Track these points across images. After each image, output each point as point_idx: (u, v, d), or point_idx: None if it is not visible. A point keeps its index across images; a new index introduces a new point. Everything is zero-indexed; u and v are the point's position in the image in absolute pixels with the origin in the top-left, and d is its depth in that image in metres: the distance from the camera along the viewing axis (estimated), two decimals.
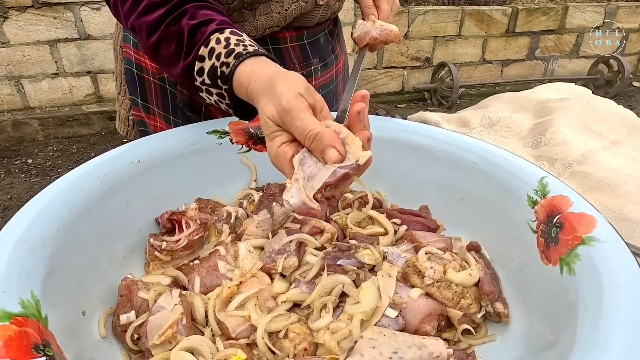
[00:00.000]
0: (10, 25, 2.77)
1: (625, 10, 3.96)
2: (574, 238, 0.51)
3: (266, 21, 0.75)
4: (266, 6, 0.74)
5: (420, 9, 3.59)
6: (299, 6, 0.76)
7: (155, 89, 0.86)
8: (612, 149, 1.01)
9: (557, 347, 0.45)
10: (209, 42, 0.57)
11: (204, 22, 0.58)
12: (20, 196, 2.45)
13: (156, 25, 0.60)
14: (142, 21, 0.61)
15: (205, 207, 0.70)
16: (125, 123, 0.97)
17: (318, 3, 0.78)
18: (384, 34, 0.75)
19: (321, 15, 0.82)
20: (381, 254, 0.61)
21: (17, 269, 0.44)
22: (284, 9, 0.75)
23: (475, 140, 0.71)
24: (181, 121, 0.86)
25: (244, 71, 0.54)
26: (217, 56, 0.56)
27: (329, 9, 0.83)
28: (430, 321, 0.54)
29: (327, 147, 0.44)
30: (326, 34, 0.90)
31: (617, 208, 0.82)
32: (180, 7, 0.59)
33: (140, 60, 0.86)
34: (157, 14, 0.60)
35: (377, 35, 0.75)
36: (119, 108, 0.97)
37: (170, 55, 0.60)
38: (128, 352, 0.53)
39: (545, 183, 0.59)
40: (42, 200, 0.53)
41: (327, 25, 0.90)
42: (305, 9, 0.77)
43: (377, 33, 0.75)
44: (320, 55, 0.88)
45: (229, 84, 0.55)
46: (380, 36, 0.75)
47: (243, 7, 0.73)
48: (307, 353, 0.51)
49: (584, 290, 0.46)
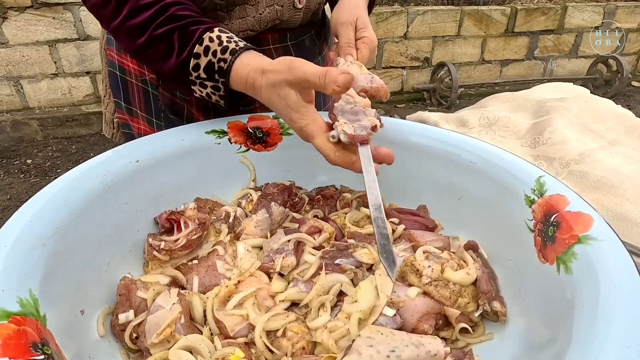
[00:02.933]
0: (10, 26, 2.77)
1: (624, 10, 3.96)
2: (571, 237, 0.51)
3: (240, 24, 0.74)
4: (242, 9, 0.74)
5: (419, 9, 3.60)
6: (274, 10, 0.75)
7: (138, 91, 0.86)
8: (610, 149, 1.01)
9: (553, 345, 0.46)
10: (202, 41, 0.63)
11: (192, 22, 0.64)
12: (19, 196, 2.45)
13: (143, 28, 0.64)
14: (128, 25, 0.64)
15: (203, 207, 0.70)
16: (110, 126, 0.97)
17: (296, 6, 0.77)
18: (374, 88, 0.67)
19: (303, 17, 0.80)
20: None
21: (16, 268, 0.45)
22: (259, 13, 0.74)
23: (473, 139, 0.71)
24: (164, 124, 0.86)
25: (241, 65, 0.62)
26: (213, 53, 0.63)
27: (309, 11, 0.81)
28: (428, 320, 0.54)
29: (337, 75, 0.53)
30: (312, 36, 0.88)
31: (615, 207, 0.83)
32: (166, 11, 0.64)
33: (123, 62, 0.86)
34: (142, 17, 0.63)
35: (367, 88, 0.67)
36: (104, 111, 0.98)
37: (159, 54, 0.65)
38: (127, 351, 0.53)
39: (543, 182, 0.60)
40: (40, 199, 0.53)
41: (314, 27, 0.89)
42: (281, 13, 0.76)
43: (368, 85, 0.67)
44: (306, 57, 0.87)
45: (226, 76, 0.63)
46: (371, 89, 0.67)
47: (218, 9, 0.73)
48: (305, 352, 0.51)
49: (581, 289, 0.46)
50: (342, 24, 0.76)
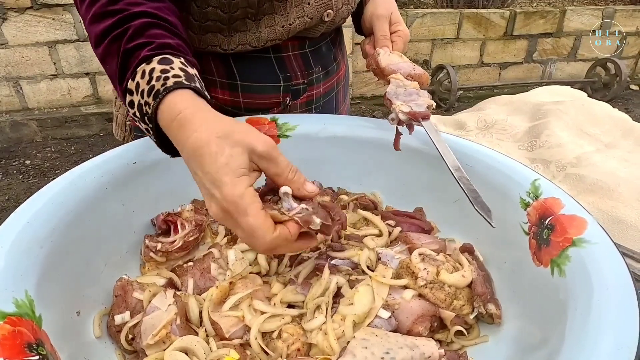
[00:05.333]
0: (9, 27, 2.78)
1: (622, 14, 3.97)
2: (565, 240, 0.51)
3: (269, 34, 0.74)
4: (270, 18, 0.73)
5: (418, 12, 3.61)
6: (304, 22, 0.75)
7: None
8: (607, 152, 1.02)
9: (546, 347, 0.46)
10: (135, 75, 0.53)
11: (139, 45, 0.54)
12: (17, 197, 2.45)
13: (101, 38, 0.56)
14: (91, 29, 0.58)
15: (200, 209, 0.70)
16: (122, 128, 0.97)
17: (324, 19, 0.77)
18: (417, 74, 0.72)
19: (326, 28, 0.81)
20: (375, 255, 0.61)
21: (12, 269, 0.45)
22: (288, 24, 0.74)
23: (469, 142, 0.72)
24: None
25: (165, 110, 0.50)
26: (141, 93, 0.52)
27: (333, 24, 0.82)
28: (423, 322, 0.54)
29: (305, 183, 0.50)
30: (328, 43, 0.89)
31: (611, 210, 0.83)
32: (125, 23, 0.55)
33: None
34: (103, 25, 0.56)
35: (412, 74, 0.72)
36: (116, 113, 0.98)
37: (113, 74, 0.56)
38: (122, 352, 0.53)
39: (538, 185, 0.60)
40: (38, 200, 0.54)
41: (330, 34, 0.90)
42: (309, 24, 0.76)
43: (412, 71, 0.72)
44: (322, 64, 0.87)
45: (153, 123, 0.52)
46: (415, 76, 0.72)
47: (247, 17, 0.73)
48: (300, 353, 0.52)
49: (574, 291, 0.46)
50: (377, 18, 0.80)
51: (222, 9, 0.70)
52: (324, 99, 0.91)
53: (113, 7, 0.56)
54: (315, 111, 0.90)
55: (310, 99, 0.88)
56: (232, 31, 0.73)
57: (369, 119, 0.79)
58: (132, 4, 0.56)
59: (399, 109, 0.63)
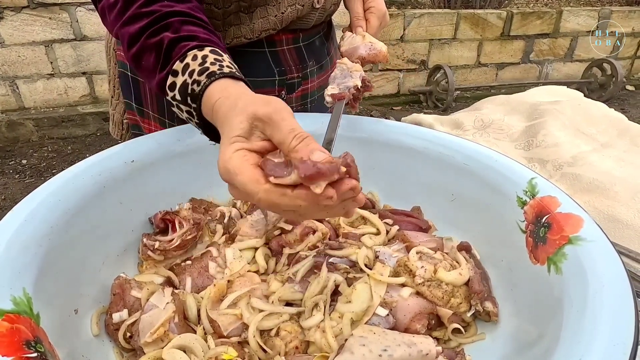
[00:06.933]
0: (6, 26, 2.76)
1: (618, 15, 4.00)
2: (561, 238, 0.52)
3: (262, 24, 0.75)
4: (263, 9, 0.75)
5: (416, 12, 3.61)
6: (296, 9, 0.76)
7: (150, 92, 0.86)
8: (603, 152, 1.02)
9: (542, 344, 0.46)
10: (185, 57, 0.54)
11: (186, 37, 0.55)
12: (14, 197, 2.44)
13: (137, 36, 0.57)
14: (124, 31, 0.59)
15: (198, 207, 0.70)
16: (119, 127, 0.97)
17: (314, 6, 0.79)
18: (372, 54, 0.74)
19: (317, 17, 0.82)
20: (373, 253, 0.62)
21: (10, 267, 0.45)
22: (281, 12, 0.75)
23: (466, 141, 0.72)
24: (177, 124, 0.86)
25: (214, 91, 0.51)
26: (190, 73, 0.53)
27: (325, 12, 0.84)
28: (421, 320, 0.55)
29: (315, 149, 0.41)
30: (321, 37, 0.91)
31: (607, 209, 0.84)
32: (164, 20, 0.56)
33: None
34: (139, 24, 0.57)
35: (365, 55, 0.74)
36: (112, 112, 0.97)
37: (149, 66, 0.57)
38: (120, 351, 0.53)
39: (534, 184, 0.60)
40: (35, 199, 0.53)
41: (322, 28, 0.91)
42: (301, 12, 0.78)
43: (366, 52, 0.74)
44: (316, 58, 0.89)
45: (197, 102, 0.52)
46: (369, 56, 0.74)
47: (240, 11, 0.74)
48: (298, 351, 0.52)
49: (570, 289, 0.46)
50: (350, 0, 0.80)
51: (216, 4, 0.71)
52: (318, 93, 0.92)
53: (147, 9, 0.57)
54: (310, 105, 0.91)
55: (305, 93, 0.89)
56: (226, 25, 0.74)
57: (366, 118, 0.79)
58: (165, 5, 0.57)
59: (326, 93, 0.67)
